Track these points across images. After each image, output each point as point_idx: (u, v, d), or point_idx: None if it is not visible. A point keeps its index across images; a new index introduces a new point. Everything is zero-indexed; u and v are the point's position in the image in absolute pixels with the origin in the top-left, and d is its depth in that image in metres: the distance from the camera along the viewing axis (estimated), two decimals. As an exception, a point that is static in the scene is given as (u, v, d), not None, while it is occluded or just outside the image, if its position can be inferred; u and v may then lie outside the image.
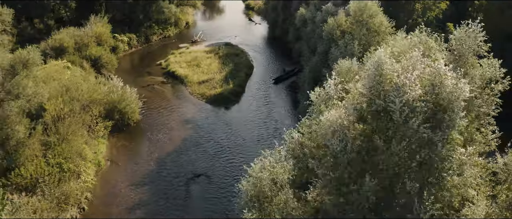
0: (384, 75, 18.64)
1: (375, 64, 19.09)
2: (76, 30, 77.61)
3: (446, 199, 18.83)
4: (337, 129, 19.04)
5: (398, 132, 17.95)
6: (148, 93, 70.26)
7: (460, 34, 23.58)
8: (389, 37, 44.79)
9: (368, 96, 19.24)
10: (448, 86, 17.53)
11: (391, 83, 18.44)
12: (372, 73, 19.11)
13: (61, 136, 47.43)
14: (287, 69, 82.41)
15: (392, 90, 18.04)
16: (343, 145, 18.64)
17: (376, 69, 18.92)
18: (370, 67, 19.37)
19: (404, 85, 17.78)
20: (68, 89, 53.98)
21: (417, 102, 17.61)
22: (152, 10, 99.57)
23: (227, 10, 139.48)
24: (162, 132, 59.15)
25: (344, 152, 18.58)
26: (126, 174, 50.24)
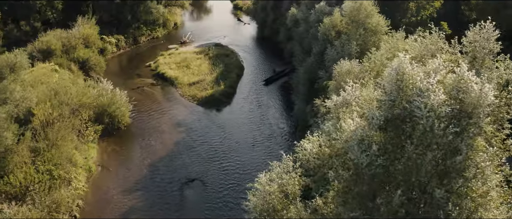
0: (406, 80, 17.75)
1: (396, 69, 18.14)
2: (63, 32, 75.96)
3: (471, 209, 18.00)
4: (359, 139, 18.07)
5: (424, 139, 17.09)
6: (138, 95, 68.88)
7: (474, 36, 22.70)
8: (386, 37, 44.22)
9: (387, 103, 18.33)
10: (473, 91, 16.74)
11: (414, 88, 17.56)
12: (393, 78, 18.16)
13: (50, 142, 46.02)
14: (278, 69, 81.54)
15: (416, 96, 17.17)
16: (367, 157, 17.64)
17: (397, 74, 18.00)
18: (391, 72, 18.42)
19: (428, 90, 16.94)
20: (56, 93, 52.61)
21: (442, 108, 16.79)
22: (140, 11, 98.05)
23: (215, 10, 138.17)
24: (153, 135, 57.95)
25: (369, 164, 17.57)
26: (118, 179, 48.98)
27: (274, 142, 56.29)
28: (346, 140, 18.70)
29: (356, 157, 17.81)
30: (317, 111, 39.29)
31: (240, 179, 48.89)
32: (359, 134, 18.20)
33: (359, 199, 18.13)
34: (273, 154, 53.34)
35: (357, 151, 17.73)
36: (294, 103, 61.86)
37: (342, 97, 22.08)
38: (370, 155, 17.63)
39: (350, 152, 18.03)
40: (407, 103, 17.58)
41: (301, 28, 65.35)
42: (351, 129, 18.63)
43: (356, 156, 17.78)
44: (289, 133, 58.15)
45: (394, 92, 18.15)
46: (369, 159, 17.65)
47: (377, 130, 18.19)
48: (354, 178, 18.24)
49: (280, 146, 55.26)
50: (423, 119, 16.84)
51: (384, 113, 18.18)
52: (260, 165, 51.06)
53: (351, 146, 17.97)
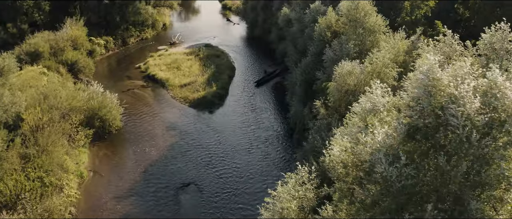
0: (437, 86, 16.75)
1: (425, 73, 17.11)
2: (51, 34, 74.40)
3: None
4: (386, 151, 17.06)
5: (460, 150, 16.10)
6: (129, 98, 67.56)
7: (491, 38, 21.79)
8: (384, 36, 43.51)
9: (416, 110, 17.32)
10: (508, 98, 15.79)
11: (445, 95, 16.55)
12: (422, 84, 17.12)
13: (40, 147, 44.62)
14: (269, 70, 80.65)
15: (450, 103, 16.17)
16: (396, 169, 16.58)
17: (428, 78, 16.98)
18: (420, 76, 17.37)
19: (462, 97, 15.95)
20: (46, 97, 51.12)
21: (477, 116, 15.83)
22: (129, 12, 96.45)
23: (203, 11, 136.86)
24: (146, 139, 56.71)
25: (398, 176, 16.50)
26: (111, 185, 47.70)
27: (271, 145, 55.31)
28: (373, 151, 17.58)
29: (384, 169, 16.75)
30: (317, 112, 38.38)
31: (236, 183, 47.96)
32: (387, 145, 17.17)
33: (388, 214, 17.08)
34: (270, 158, 52.54)
35: (385, 163, 16.68)
36: (289, 105, 60.95)
37: (371, 103, 20.54)
38: (399, 167, 16.60)
39: (378, 165, 16.95)
40: (440, 111, 16.57)
41: (295, 28, 64.48)
42: (378, 140, 17.54)
43: (384, 168, 16.73)
44: (285, 136, 57.20)
45: (425, 99, 17.10)
46: (398, 171, 16.61)
47: (404, 140, 17.18)
48: (382, 192, 17.19)
49: (277, 148, 54.43)
50: (459, 128, 15.88)
51: (413, 121, 17.20)
52: (256, 169, 50.25)
53: (378, 158, 16.90)
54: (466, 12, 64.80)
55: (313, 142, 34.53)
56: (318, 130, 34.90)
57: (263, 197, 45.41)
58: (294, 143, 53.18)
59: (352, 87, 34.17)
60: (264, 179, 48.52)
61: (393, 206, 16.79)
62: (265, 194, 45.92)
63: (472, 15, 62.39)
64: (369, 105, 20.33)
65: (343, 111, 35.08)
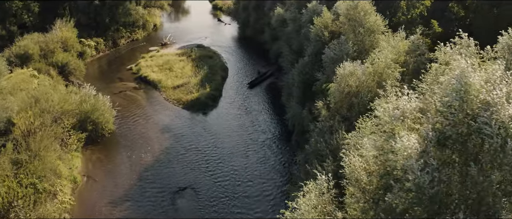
0: (470, 92, 15.92)
1: (457, 77, 16.24)
2: (40, 36, 73.06)
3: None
4: (418, 157, 16.20)
5: (495, 159, 15.33)
6: (121, 100, 66.37)
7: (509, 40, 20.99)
8: (383, 36, 42.85)
9: (446, 116, 16.49)
10: None
11: (479, 101, 15.72)
12: (454, 89, 16.25)
13: (32, 153, 43.33)
14: (262, 71, 79.85)
15: (484, 110, 15.37)
16: (428, 175, 15.71)
17: (460, 83, 16.13)
18: (451, 81, 16.48)
19: (496, 103, 15.15)
20: (37, 100, 49.95)
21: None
22: (119, 13, 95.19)
23: (193, 11, 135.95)
24: (139, 142, 55.60)
25: (430, 183, 15.64)
26: (105, 190, 46.54)
27: (268, 147, 54.46)
28: (405, 158, 16.67)
29: (416, 175, 15.89)
30: (318, 114, 37.59)
31: (234, 186, 47.04)
32: (419, 152, 16.30)
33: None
34: (268, 161, 51.71)
35: (416, 170, 15.83)
36: (285, 106, 60.14)
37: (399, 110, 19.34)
38: (430, 172, 15.76)
39: (410, 172, 16.08)
40: (472, 119, 15.75)
41: (290, 28, 63.67)
42: (409, 146, 16.63)
43: (417, 175, 15.87)
44: (282, 138, 56.28)
45: (457, 106, 16.22)
46: (431, 176, 15.75)
47: (434, 148, 16.35)
48: (415, 201, 16.34)
49: (274, 151, 53.62)
50: (493, 137, 15.09)
51: (443, 128, 16.38)
52: (254, 172, 49.42)
53: (411, 165, 16.03)
54: (460, 11, 64.38)
55: (315, 145, 33.73)
56: (321, 133, 34.11)
57: (262, 201, 44.99)
58: (293, 146, 52.27)
59: (354, 88, 33.42)
60: (263, 182, 47.67)
61: (424, 215, 15.98)
62: (264, 198, 45.50)
63: (467, 14, 61.96)
64: (397, 112, 19.17)
65: (345, 113, 34.41)
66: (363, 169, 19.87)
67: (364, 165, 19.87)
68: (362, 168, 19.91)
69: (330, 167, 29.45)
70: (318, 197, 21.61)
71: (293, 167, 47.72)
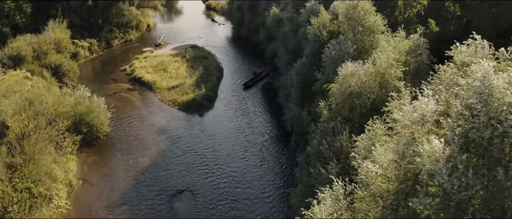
0: (493, 94, 15.36)
1: (480, 79, 15.67)
2: (33, 37, 71.95)
3: None
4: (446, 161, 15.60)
5: None
6: (116, 102, 65.53)
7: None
8: (383, 36, 42.40)
9: (468, 118, 15.92)
10: None
11: (503, 103, 15.16)
12: (478, 91, 15.69)
13: (27, 156, 42.60)
14: (257, 71, 79.30)
15: (509, 113, 14.79)
16: (457, 180, 15.11)
17: (483, 85, 15.58)
18: (475, 83, 15.91)
19: None
20: (31, 102, 49.13)
21: None
22: (112, 14, 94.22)
23: (186, 11, 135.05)
24: (135, 144, 54.84)
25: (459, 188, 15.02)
26: (101, 193, 45.78)
27: (266, 149, 53.87)
28: (432, 162, 16.04)
29: (444, 180, 15.30)
30: (318, 115, 37.02)
31: (232, 188, 46.48)
32: (445, 156, 15.71)
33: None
34: (266, 162, 51.16)
35: (445, 174, 15.24)
36: (282, 107, 59.59)
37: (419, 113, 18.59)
38: (459, 177, 15.18)
39: (438, 176, 15.48)
40: (498, 122, 15.21)
41: (286, 28, 63.06)
42: (437, 150, 16.04)
43: (445, 180, 15.28)
44: (281, 139, 55.69)
45: (482, 110, 15.65)
46: (459, 182, 15.17)
47: (459, 152, 15.79)
48: (441, 206, 15.76)
49: (272, 153, 53.06)
50: None
51: (466, 132, 15.81)
52: (253, 174, 48.86)
53: (439, 169, 15.44)
54: (457, 10, 64.14)
55: (317, 147, 33.16)
56: (323, 134, 33.56)
57: (260, 203, 44.40)
58: (291, 147, 51.65)
59: (356, 89, 32.89)
60: (261, 184, 47.13)
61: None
62: (263, 200, 44.91)
63: (464, 13, 61.69)
64: (417, 115, 18.49)
65: (347, 114, 33.90)
66: (380, 174, 19.19)
67: (381, 170, 19.19)
68: (380, 174, 19.21)
69: (334, 169, 28.95)
70: (334, 204, 20.94)
71: (294, 169, 47.14)
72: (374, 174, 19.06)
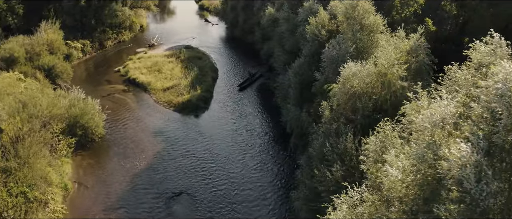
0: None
1: (502, 81, 15.11)
2: (25, 38, 70.94)
3: None
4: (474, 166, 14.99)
5: None
6: (110, 103, 64.66)
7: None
8: (382, 35, 41.95)
9: (490, 122, 15.38)
10: None
11: None
12: (501, 94, 15.11)
13: (22, 160, 41.69)
14: (252, 71, 78.75)
15: None
16: (488, 189, 14.52)
17: (505, 87, 15.00)
18: (496, 85, 15.33)
19: None
20: (25, 105, 48.28)
21: None
22: (105, 14, 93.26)
23: (179, 12, 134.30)
24: (131, 146, 54.05)
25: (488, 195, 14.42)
26: (98, 197, 45.00)
27: (265, 150, 53.28)
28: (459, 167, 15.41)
29: (472, 186, 14.70)
30: (317, 116, 36.44)
31: (231, 190, 45.90)
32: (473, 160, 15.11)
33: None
34: (265, 164, 50.62)
35: (473, 180, 14.65)
36: (279, 107, 59.05)
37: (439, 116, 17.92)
38: (488, 183, 14.60)
39: (466, 182, 14.88)
40: None
41: (283, 27, 62.46)
42: (464, 155, 15.42)
43: (472, 186, 14.68)
44: (279, 141, 55.07)
45: (504, 113, 15.07)
46: (489, 188, 14.58)
47: (483, 157, 15.21)
48: (467, 213, 15.17)
49: (271, 154, 52.49)
50: None
51: (488, 135, 15.26)
52: (252, 176, 48.29)
53: (467, 175, 14.83)
54: (453, 9, 63.89)
55: (320, 148, 32.58)
56: (325, 135, 32.98)
57: (260, 205, 43.80)
58: (291, 149, 50.94)
59: (359, 89, 32.35)
60: (260, 186, 46.56)
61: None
62: (262, 202, 44.30)
63: (460, 12, 61.43)
64: (437, 118, 17.84)
65: (349, 115, 33.38)
66: (400, 179, 18.55)
67: (401, 175, 18.55)
68: (399, 178, 18.56)
69: (339, 172, 28.41)
70: (351, 211, 20.33)
71: (293, 170, 46.57)
72: (394, 178, 18.39)
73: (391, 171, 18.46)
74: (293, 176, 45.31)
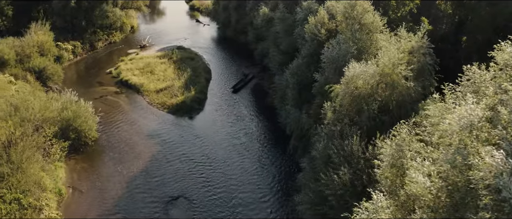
0: None
1: None
2: (15, 40, 69.68)
3: None
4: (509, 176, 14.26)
5: None
6: (103, 106, 63.47)
7: None
8: (382, 35, 41.34)
9: None
10: None
11: None
12: None
13: (14, 165, 40.62)
14: (246, 72, 77.97)
15: None
16: None
17: None
18: None
19: None
20: (17, 108, 47.10)
21: None
22: (95, 15, 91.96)
23: (169, 12, 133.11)
24: (125, 149, 52.98)
25: None
26: (93, 202, 43.90)
27: (263, 153, 52.45)
28: (493, 175, 14.67)
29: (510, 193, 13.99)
30: (323, 117, 35.64)
31: (230, 193, 45.02)
32: (510, 168, 14.41)
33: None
34: (264, 167, 49.84)
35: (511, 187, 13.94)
36: (275, 108, 58.25)
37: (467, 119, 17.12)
38: None
39: (504, 190, 14.17)
40: None
41: (278, 27, 61.62)
42: (497, 162, 14.72)
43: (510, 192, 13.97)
44: (278, 142, 54.15)
45: None
46: None
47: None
48: None
49: (270, 156, 51.68)
50: None
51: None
52: (251, 178, 47.49)
53: (505, 183, 14.10)
54: (448, 8, 63.53)
55: (324, 150, 31.80)
56: (329, 137, 32.21)
57: (259, 208, 42.96)
58: (291, 150, 49.89)
59: (363, 90, 31.63)
60: (258, 189, 45.74)
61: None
62: (261, 205, 43.48)
63: (455, 11, 61.07)
64: (465, 122, 17.05)
65: (353, 116, 32.67)
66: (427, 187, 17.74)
67: (429, 182, 17.73)
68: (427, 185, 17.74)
69: (346, 175, 27.66)
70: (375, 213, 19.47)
71: (292, 173, 45.80)
72: (423, 184, 17.57)
73: (419, 177, 17.63)
74: (293, 178, 44.51)
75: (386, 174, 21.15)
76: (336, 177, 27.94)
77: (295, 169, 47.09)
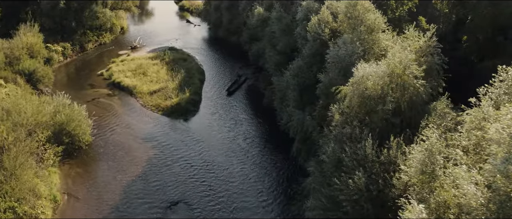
0: None
1: None
2: (4, 42, 67.94)
3: None
4: None
5: None
6: (96, 108, 61.86)
7: None
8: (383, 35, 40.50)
9: None
10: None
11: None
12: None
13: (8, 172, 39.09)
14: (240, 73, 76.89)
15: None
16: None
17: None
18: None
19: None
20: (9, 112, 45.53)
21: None
22: (85, 16, 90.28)
23: (159, 13, 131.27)
24: (120, 153, 51.55)
25: None
26: (90, 209, 42.43)
27: (264, 155, 51.34)
28: None
29: None
30: (330, 119, 34.55)
31: (229, 197, 43.88)
32: None
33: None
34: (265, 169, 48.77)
35: None
36: (274, 109, 57.14)
37: None
38: None
39: None
40: None
41: (275, 27, 60.47)
42: None
43: None
44: (279, 145, 52.93)
45: None
46: None
47: None
48: None
49: (268, 159, 50.57)
50: None
51: None
52: (251, 182, 46.38)
53: None
54: (445, 7, 62.98)
55: (333, 154, 30.70)
56: (338, 140, 31.14)
57: (261, 212, 41.84)
58: (294, 153, 48.54)
59: (373, 92, 30.59)
60: (259, 192, 44.65)
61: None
62: (262, 209, 42.36)
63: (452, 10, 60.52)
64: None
65: (363, 118, 31.67)
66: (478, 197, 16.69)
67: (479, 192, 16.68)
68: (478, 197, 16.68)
69: (361, 180, 26.62)
70: None
71: (296, 177, 44.70)
72: (472, 195, 16.50)
73: (468, 187, 16.57)
74: (297, 182, 43.37)
75: (413, 180, 20.16)
76: (351, 181, 26.92)
77: (298, 172, 45.92)
